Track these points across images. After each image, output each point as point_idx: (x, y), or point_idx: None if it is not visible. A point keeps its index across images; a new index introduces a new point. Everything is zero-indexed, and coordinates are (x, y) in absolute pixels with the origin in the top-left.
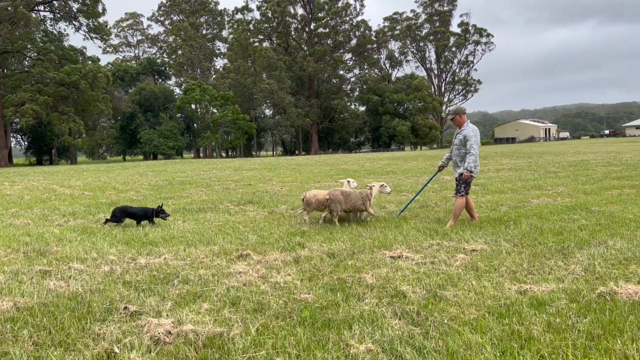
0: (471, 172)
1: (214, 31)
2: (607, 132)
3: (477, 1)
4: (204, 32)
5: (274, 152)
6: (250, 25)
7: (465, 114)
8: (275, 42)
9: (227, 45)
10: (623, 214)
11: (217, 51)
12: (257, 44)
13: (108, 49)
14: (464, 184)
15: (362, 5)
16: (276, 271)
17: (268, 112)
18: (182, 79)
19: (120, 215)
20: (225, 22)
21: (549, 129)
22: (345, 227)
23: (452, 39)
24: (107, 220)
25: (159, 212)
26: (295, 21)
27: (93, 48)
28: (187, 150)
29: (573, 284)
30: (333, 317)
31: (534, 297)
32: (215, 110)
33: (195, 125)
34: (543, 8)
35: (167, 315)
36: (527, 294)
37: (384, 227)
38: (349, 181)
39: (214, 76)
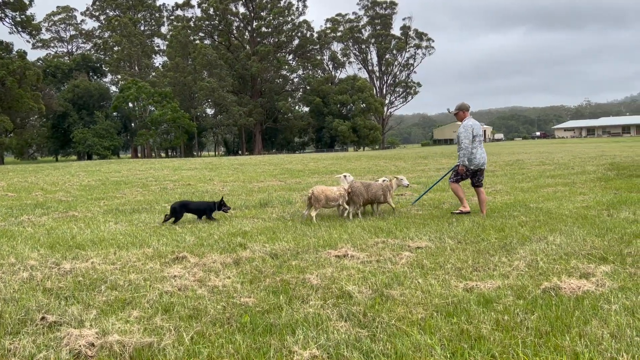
0: (465, 165)
1: (153, 27)
2: (538, 133)
3: (414, 6)
4: (142, 28)
5: (216, 152)
6: (191, 23)
7: (468, 110)
8: (216, 40)
9: (166, 42)
10: (559, 210)
11: (156, 48)
12: (197, 41)
13: (38, 44)
14: (453, 172)
15: (305, 6)
16: (215, 274)
17: (210, 111)
18: (118, 76)
19: (180, 210)
20: (165, 19)
21: (485, 131)
22: (289, 227)
23: (393, 42)
24: (166, 218)
25: (221, 205)
26: (237, 19)
27: (21, 42)
28: (124, 151)
29: (518, 280)
30: (275, 321)
31: (481, 295)
32: (153, 109)
33: (132, 124)
34: (476, 14)
35: (90, 325)
36: (474, 291)
37: (329, 226)
38: (345, 176)
39: (152, 74)
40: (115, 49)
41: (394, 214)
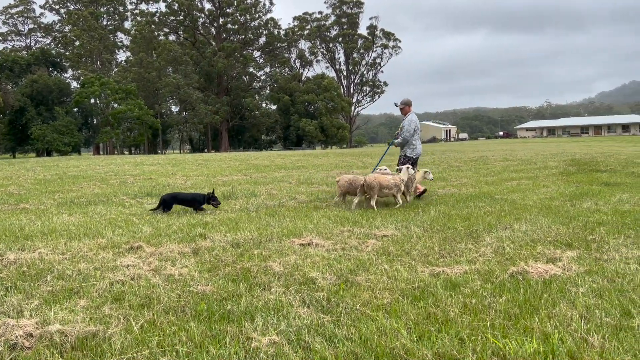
0: (406, 155)
1: (116, 22)
2: (501, 133)
3: (379, 7)
4: (105, 22)
5: (182, 150)
6: (155, 18)
7: (411, 106)
8: (181, 36)
9: (129, 37)
10: (524, 201)
11: (119, 43)
12: (162, 37)
13: None
14: (402, 164)
15: (272, 3)
16: (171, 263)
17: (175, 108)
18: (79, 71)
19: (170, 201)
20: (128, 13)
21: (450, 130)
22: (253, 218)
23: (360, 42)
24: (154, 209)
25: (210, 199)
26: (203, 16)
27: None
28: (85, 148)
29: (485, 265)
30: (233, 308)
31: (448, 279)
32: (116, 105)
33: (94, 120)
34: (439, 16)
35: (30, 315)
36: (441, 276)
37: (294, 216)
38: (408, 168)
39: (115, 69)
40: (76, 43)
41: (361, 205)
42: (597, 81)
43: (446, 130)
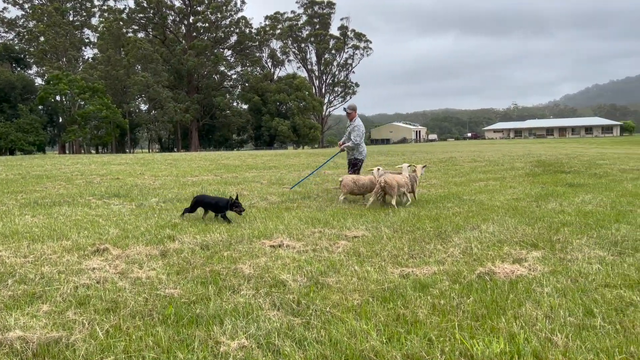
0: (356, 158)
1: (83, 18)
2: (469, 134)
3: (351, 8)
4: (71, 18)
5: (151, 149)
6: (124, 15)
7: (356, 111)
8: (151, 33)
9: (97, 34)
10: (491, 202)
11: (86, 40)
12: (130, 34)
13: None
14: (352, 166)
15: (243, 2)
16: (138, 266)
17: (144, 106)
18: (44, 68)
19: (194, 204)
20: (96, 9)
21: (420, 131)
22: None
23: (332, 42)
24: (185, 210)
25: (233, 205)
26: (173, 13)
27: None
28: (50, 147)
29: (453, 266)
30: (202, 312)
31: (417, 280)
32: (83, 103)
33: (60, 119)
34: (409, 18)
35: None
36: (410, 277)
37: (265, 218)
38: (378, 169)
39: (82, 66)
40: (41, 39)
41: (332, 206)
42: (561, 84)
43: (416, 131)
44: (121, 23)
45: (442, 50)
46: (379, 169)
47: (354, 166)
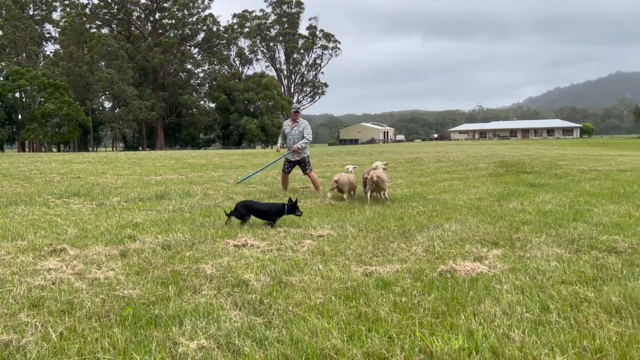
0: (308, 155)
1: (43, 12)
2: (435, 135)
3: (319, 8)
4: (31, 12)
5: (114, 148)
6: (87, 10)
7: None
8: (115, 29)
9: (58, 29)
10: (455, 201)
11: (47, 35)
12: (94, 30)
13: None
14: (307, 164)
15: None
16: (97, 266)
17: (108, 104)
18: (2, 63)
19: (244, 211)
20: (57, 4)
21: (387, 132)
22: (187, 218)
23: (300, 41)
24: (229, 215)
25: (295, 208)
26: (138, 9)
27: None
28: (9, 144)
29: (416, 264)
30: (161, 313)
31: (380, 278)
32: (43, 99)
33: (19, 115)
34: (376, 19)
35: None
36: (373, 275)
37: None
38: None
39: (42, 62)
40: None
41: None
42: (524, 87)
43: (384, 132)
44: (84, 18)
45: (408, 52)
46: (352, 167)
47: (308, 164)
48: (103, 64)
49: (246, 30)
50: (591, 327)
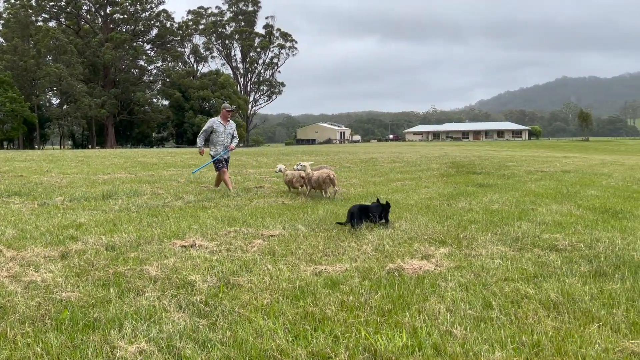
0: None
1: None
2: (391, 136)
3: (276, 7)
4: None
5: (62, 146)
6: (32, 2)
7: None
8: (63, 23)
9: (1, 21)
10: (406, 201)
11: None
12: (40, 23)
13: None
14: (226, 161)
15: None
16: (34, 268)
17: (55, 100)
18: None
19: (360, 215)
20: None
21: (344, 132)
22: (133, 218)
23: (257, 40)
24: (345, 223)
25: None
26: (88, 3)
27: None
28: None
29: (365, 263)
30: (100, 316)
31: (329, 278)
32: None
33: None
34: (332, 20)
35: None
36: (322, 274)
37: (179, 217)
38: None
39: None
40: None
41: (251, 205)
42: (476, 89)
43: (341, 132)
44: (29, 10)
45: (365, 53)
46: (300, 165)
47: (220, 162)
48: (50, 58)
49: (201, 27)
50: (530, 323)
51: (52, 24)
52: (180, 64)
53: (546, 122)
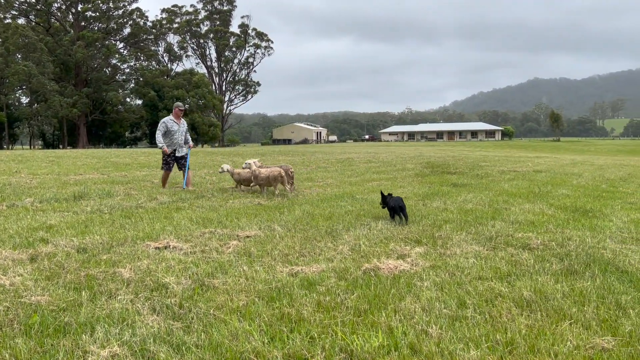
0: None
1: None
2: (367, 136)
3: (251, 6)
4: None
5: (32, 146)
6: None
7: None
8: (33, 20)
9: None
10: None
11: None
12: (9, 20)
13: None
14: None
15: None
16: (2, 272)
17: (25, 99)
18: None
19: (398, 206)
20: None
21: (320, 133)
22: (106, 220)
23: (232, 39)
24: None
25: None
26: (59, 0)
27: None
28: None
29: (341, 263)
30: (71, 320)
31: (305, 278)
32: None
33: None
34: (307, 21)
35: None
36: (299, 275)
37: (153, 218)
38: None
39: None
40: None
41: (226, 205)
42: (450, 90)
43: (317, 132)
44: None
45: (341, 54)
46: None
47: (168, 162)
48: (20, 56)
49: (175, 26)
50: (504, 321)
51: (21, 21)
52: (154, 63)
53: (519, 123)
